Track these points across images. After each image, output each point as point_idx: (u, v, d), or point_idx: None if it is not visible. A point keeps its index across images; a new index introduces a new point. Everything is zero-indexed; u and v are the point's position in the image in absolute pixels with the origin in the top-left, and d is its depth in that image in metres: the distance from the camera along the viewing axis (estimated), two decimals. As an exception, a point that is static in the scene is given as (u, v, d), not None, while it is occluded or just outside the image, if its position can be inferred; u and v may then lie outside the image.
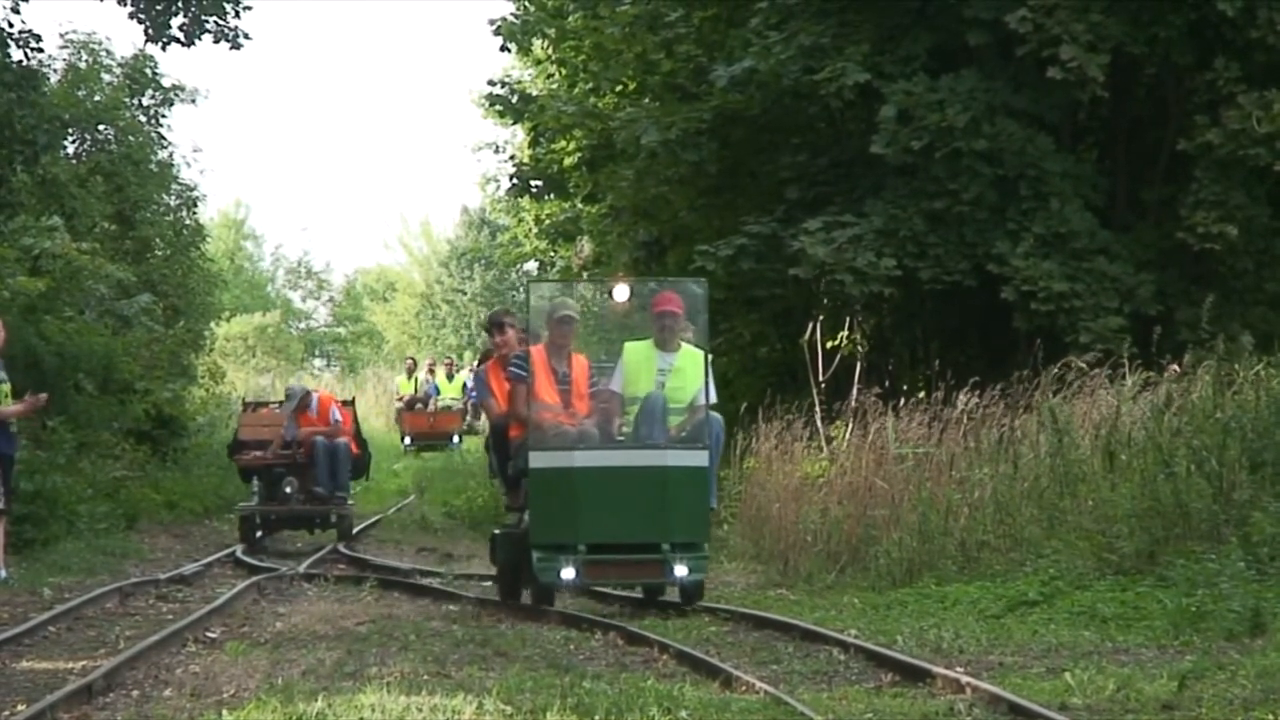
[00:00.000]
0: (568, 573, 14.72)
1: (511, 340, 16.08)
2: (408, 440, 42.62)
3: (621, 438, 15.23)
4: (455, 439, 41.72)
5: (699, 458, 15.01)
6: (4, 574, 17.76)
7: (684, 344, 15.44)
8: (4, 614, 15.48)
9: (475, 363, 48.11)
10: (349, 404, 26.73)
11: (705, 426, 15.14)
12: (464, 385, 44.11)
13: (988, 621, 13.98)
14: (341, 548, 22.51)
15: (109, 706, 10.83)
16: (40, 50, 27.70)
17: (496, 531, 16.09)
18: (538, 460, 14.88)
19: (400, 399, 44.85)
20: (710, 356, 15.59)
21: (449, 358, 50.78)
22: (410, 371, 45.59)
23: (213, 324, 45.99)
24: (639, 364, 15.40)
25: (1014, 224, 22.08)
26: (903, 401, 19.22)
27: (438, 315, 75.33)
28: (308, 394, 24.25)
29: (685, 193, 25.14)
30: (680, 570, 14.76)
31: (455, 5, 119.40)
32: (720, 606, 15.31)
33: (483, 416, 45.29)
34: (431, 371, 45.12)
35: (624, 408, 15.37)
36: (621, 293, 15.74)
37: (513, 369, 15.48)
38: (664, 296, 15.64)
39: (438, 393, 43.99)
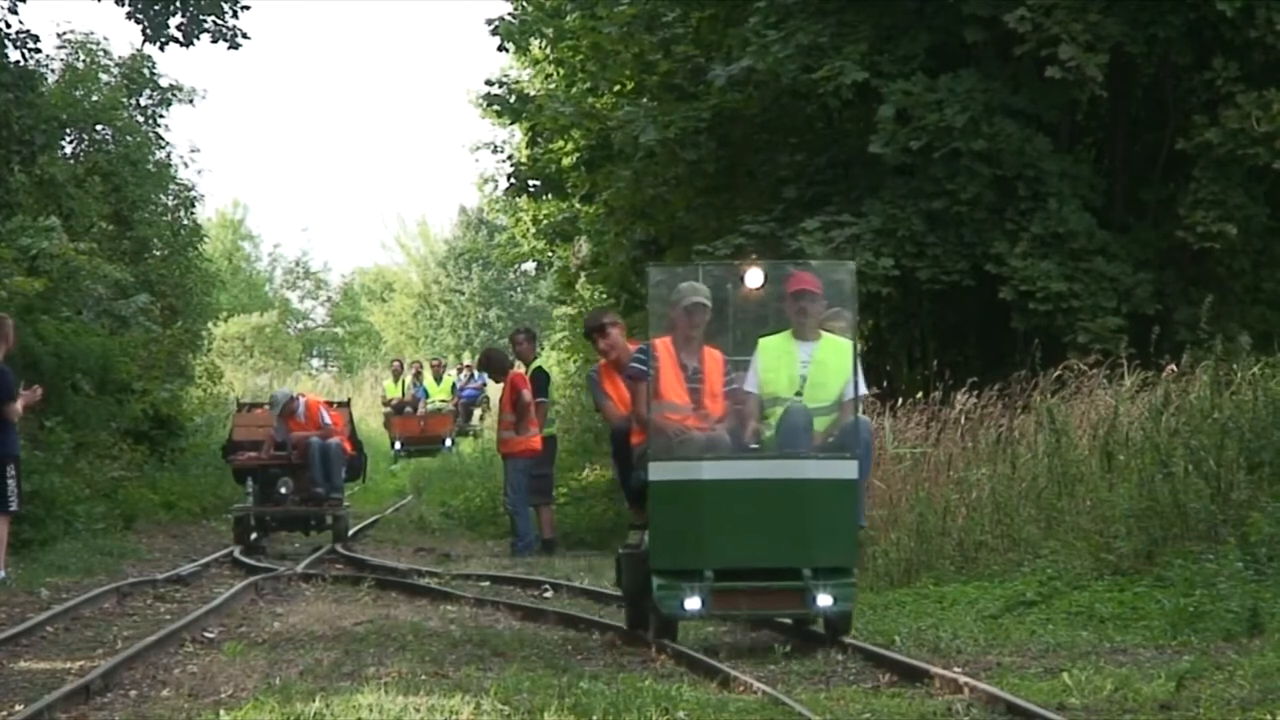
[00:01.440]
0: (693, 602, 12.64)
1: (619, 342, 14.68)
2: (398, 445, 41.69)
3: (756, 445, 13.22)
4: (448, 442, 40.84)
5: (846, 469, 12.90)
6: (2, 574, 17.75)
7: (824, 332, 13.46)
8: (2, 614, 15.48)
9: (459, 366, 47.84)
10: (344, 405, 26.71)
11: (854, 432, 13.18)
12: (453, 386, 44.02)
13: (985, 622, 13.98)
14: (339, 548, 22.49)
15: (107, 707, 10.83)
16: (38, 50, 27.69)
17: (621, 551, 13.87)
18: (659, 471, 12.80)
19: (388, 403, 43.81)
20: (860, 348, 13.81)
21: (437, 359, 49.69)
22: (397, 375, 44.61)
23: (210, 324, 45.99)
24: (776, 359, 13.45)
25: (1012, 224, 22.07)
26: (901, 401, 19.22)
27: (435, 316, 75.32)
28: (293, 399, 24.05)
29: (683, 192, 25.12)
30: (824, 600, 12.64)
31: (453, 5, 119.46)
32: (718, 606, 15.28)
33: (476, 418, 45.31)
34: (418, 374, 44.07)
35: (762, 411, 13.42)
36: (754, 278, 13.41)
37: (633, 364, 13.50)
38: (799, 276, 13.62)
39: (426, 395, 43.05)
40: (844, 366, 13.30)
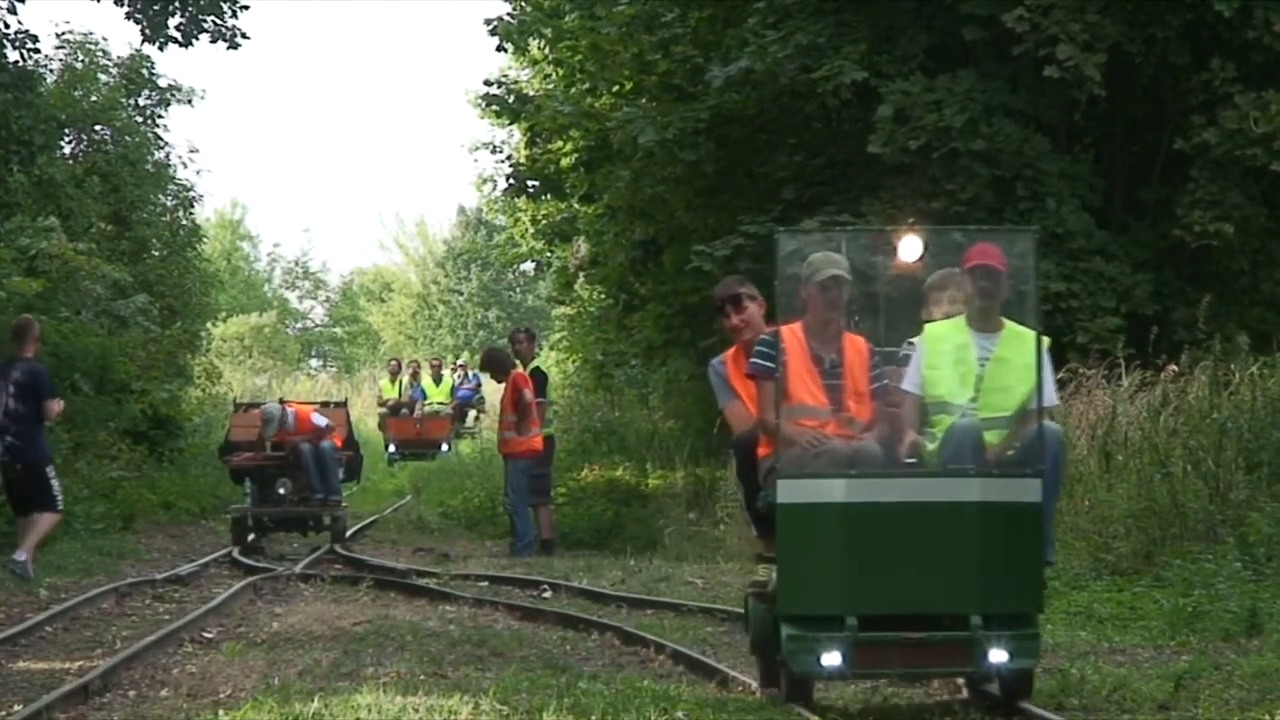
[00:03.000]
0: (831, 658, 9.85)
1: (757, 320, 11.33)
2: (392, 448, 40.50)
3: (912, 460, 10.34)
4: (444, 447, 39.59)
5: (1029, 490, 10.04)
6: (23, 557, 18.00)
7: (1008, 322, 10.59)
8: (0, 614, 15.47)
9: (453, 365, 47.34)
10: (341, 405, 26.68)
11: (1039, 444, 10.20)
12: (452, 388, 42.76)
13: (984, 621, 13.96)
14: (338, 548, 22.47)
15: (106, 707, 10.83)
16: (37, 50, 27.66)
17: (748, 590, 11.01)
18: (789, 492, 10.00)
19: (384, 404, 42.29)
20: (1048, 341, 10.98)
21: (436, 358, 48.31)
22: (394, 374, 43.09)
23: (209, 324, 45.96)
24: (945, 354, 10.56)
25: (1011, 224, 22.08)
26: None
27: (434, 316, 75.34)
28: (283, 413, 23.82)
29: (682, 192, 25.13)
30: (997, 655, 9.80)
31: (452, 5, 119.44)
32: (717, 606, 15.30)
33: (470, 419, 44.91)
34: (416, 375, 42.59)
35: (924, 419, 10.53)
36: (910, 247, 10.49)
37: (755, 360, 10.62)
38: (979, 249, 10.63)
39: (424, 397, 41.47)
40: (1028, 365, 10.39)
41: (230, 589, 17.54)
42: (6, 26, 26.52)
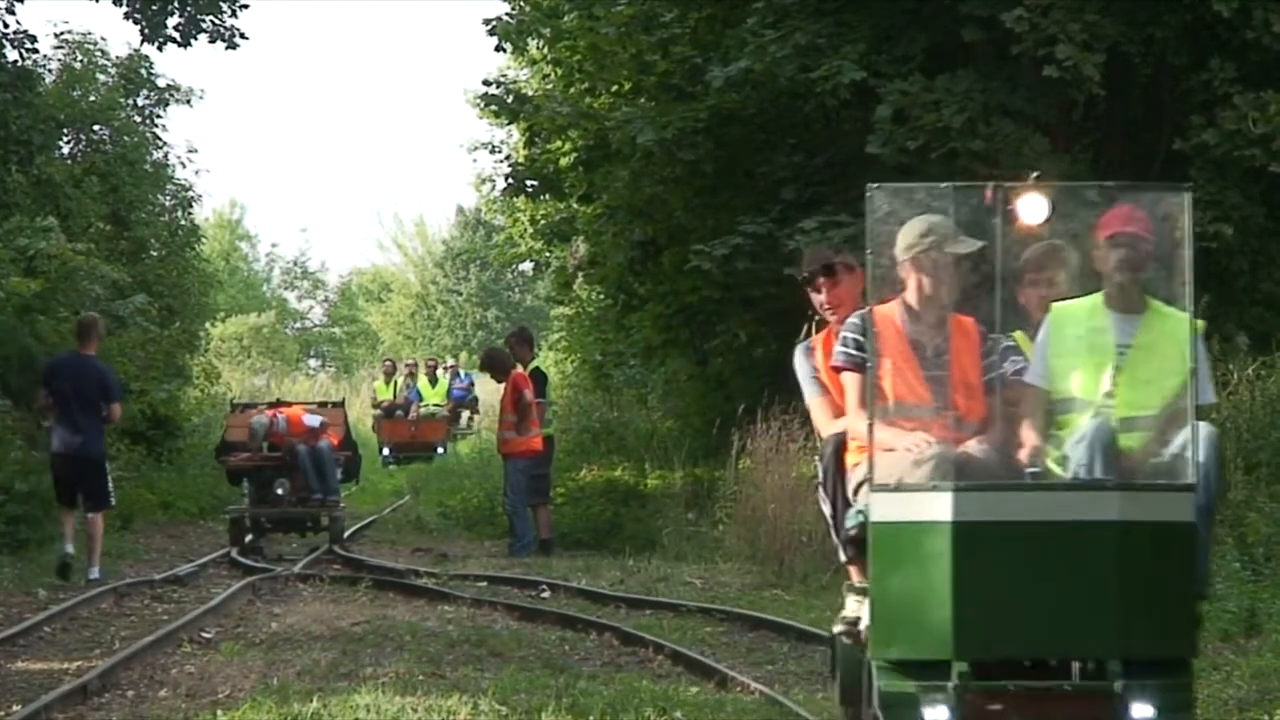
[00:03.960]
0: (936, 713, 8.02)
1: (852, 294, 9.56)
2: (386, 451, 39.66)
3: (1035, 469, 8.31)
4: (440, 449, 38.93)
5: (1179, 506, 8.12)
6: (97, 574, 18.18)
7: (1154, 301, 8.63)
8: (-1, 614, 15.48)
9: (446, 365, 46.95)
10: (339, 405, 26.66)
11: (1193, 451, 8.21)
12: (448, 390, 42.23)
13: (983, 622, 13.95)
14: (336, 548, 22.45)
15: (104, 707, 10.84)
16: (35, 50, 27.71)
17: (837, 629, 9.24)
18: (884, 508, 8.15)
19: (378, 405, 41.13)
20: (1203, 325, 8.80)
21: (433, 359, 47.07)
22: (389, 375, 42.37)
23: (208, 324, 45.96)
24: (1076, 339, 8.65)
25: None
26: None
27: (433, 316, 75.37)
28: (272, 421, 23.72)
29: (681, 192, 25.12)
30: (1141, 711, 7.99)
31: (450, 5, 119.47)
32: (715, 607, 15.31)
33: (464, 420, 44.71)
34: (412, 375, 41.90)
35: (1050, 419, 8.56)
36: (1033, 207, 8.43)
37: (842, 348, 8.92)
38: (1119, 212, 8.65)
39: (419, 398, 40.70)
40: (1179, 355, 8.40)
41: (229, 589, 17.54)
42: (5, 26, 26.58)
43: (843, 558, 9.10)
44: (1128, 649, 8.00)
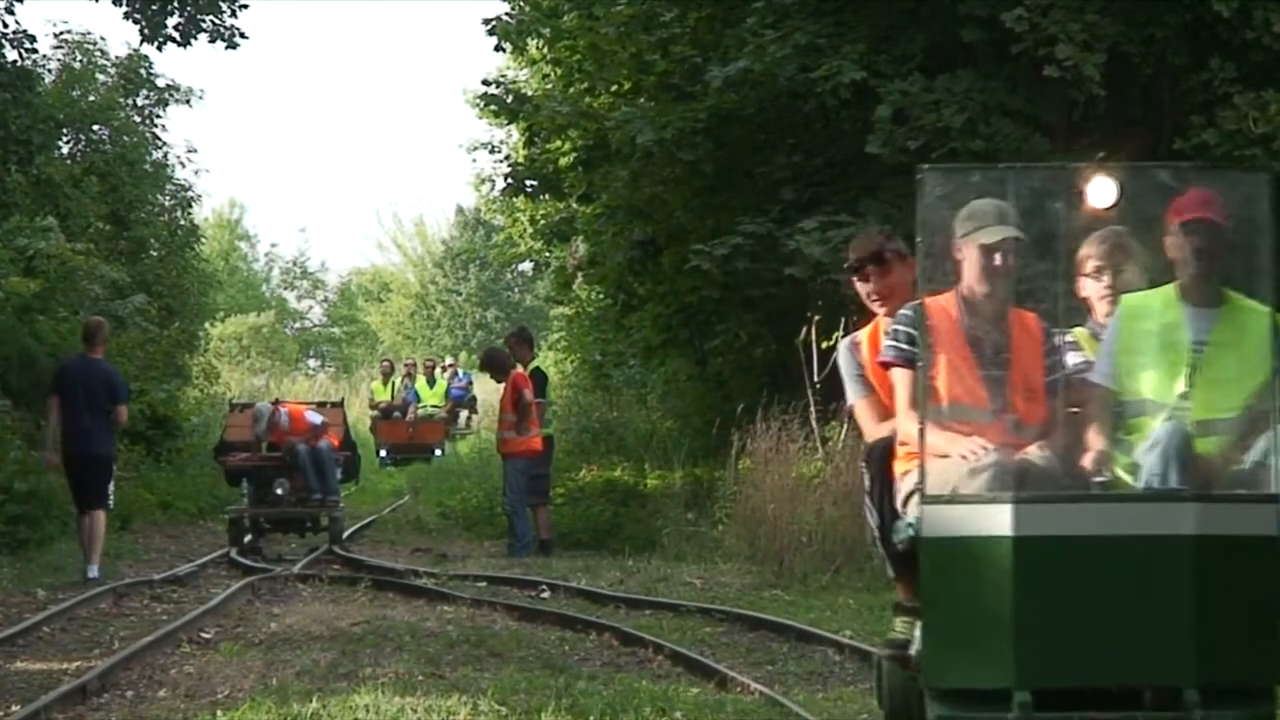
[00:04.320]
0: None
1: (903, 285, 8.69)
2: (384, 453, 39.35)
3: (1103, 478, 7.51)
4: (438, 451, 38.71)
5: (1261, 519, 7.36)
6: (95, 573, 18.24)
7: (1232, 294, 7.88)
8: (-2, 614, 15.48)
9: (444, 365, 46.75)
10: (338, 405, 26.63)
11: (1276, 458, 7.42)
12: (446, 390, 41.97)
13: (983, 622, 13.94)
14: (336, 548, 22.44)
15: (103, 707, 10.83)
16: (35, 50, 27.70)
17: (883, 652, 8.58)
18: (937, 522, 7.33)
19: (375, 406, 40.90)
20: None
21: (430, 359, 46.73)
22: (386, 375, 42.01)
23: (207, 324, 45.98)
24: (1147, 334, 7.86)
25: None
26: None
27: (432, 316, 75.38)
28: (275, 412, 23.72)
29: (680, 192, 25.11)
30: None
31: (450, 5, 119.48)
32: (715, 607, 15.30)
33: (464, 419, 44.65)
34: (410, 376, 41.61)
35: (1118, 423, 7.77)
36: (1102, 191, 7.67)
37: (892, 343, 8.10)
38: (1195, 197, 7.87)
39: (417, 399, 40.40)
40: (1261, 352, 7.70)
41: (228, 589, 17.54)
42: (5, 26, 26.56)
43: (890, 574, 8.40)
44: (1206, 675, 7.17)
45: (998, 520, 7.24)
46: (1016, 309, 7.95)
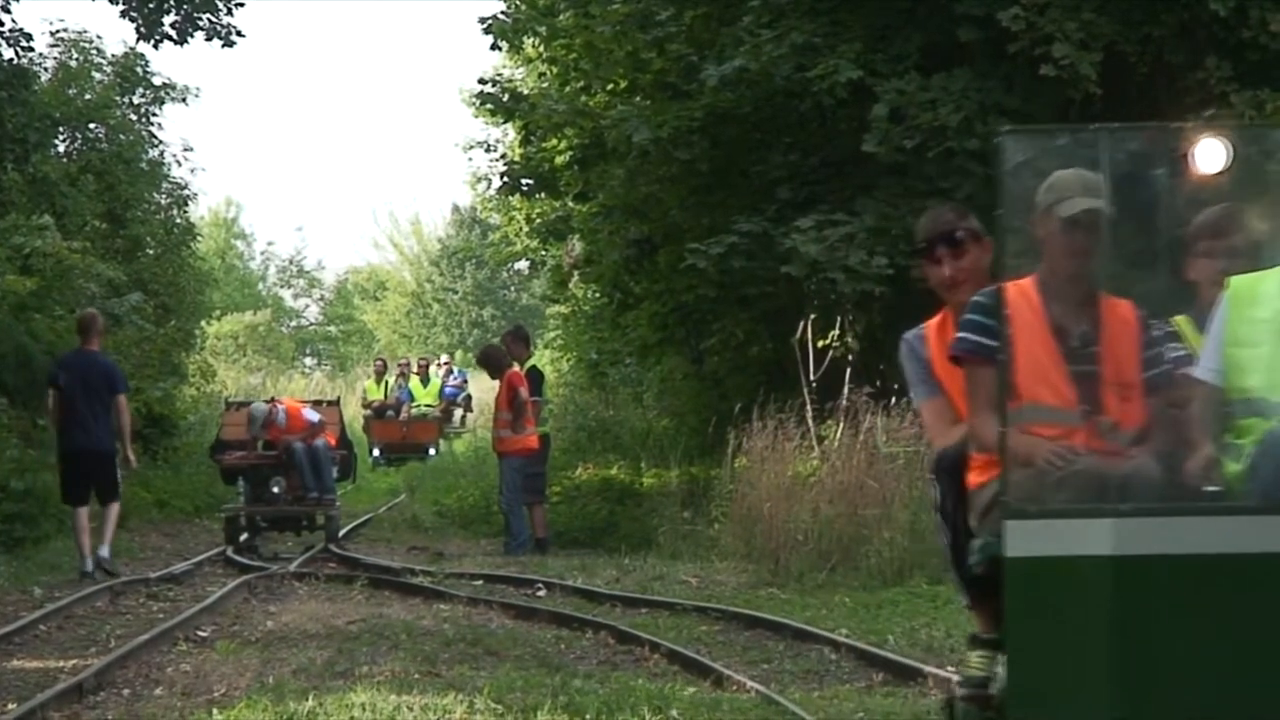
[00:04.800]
0: None
1: (979, 269, 7.67)
2: (377, 452, 39.02)
3: (1215, 488, 6.51)
4: (432, 451, 38.40)
5: None
6: (105, 552, 18.51)
7: None
8: (-6, 613, 15.47)
9: (439, 363, 46.67)
10: (334, 404, 26.61)
11: None
12: (440, 389, 41.80)
13: (979, 621, 13.95)
14: (332, 547, 22.44)
15: (100, 705, 10.83)
16: (31, 49, 27.69)
17: (959, 692, 7.31)
18: (1022, 540, 6.29)
19: (368, 405, 40.63)
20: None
21: (424, 358, 46.42)
22: (379, 375, 41.65)
23: (203, 323, 45.95)
24: (1261, 324, 6.69)
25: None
26: (894, 400, 19.22)
27: (429, 314, 75.39)
28: (272, 410, 23.63)
29: (676, 191, 25.12)
30: None
31: (446, 4, 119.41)
32: (711, 606, 15.30)
33: (459, 417, 44.55)
34: (404, 375, 41.34)
35: (1227, 425, 6.66)
36: (1211, 154, 6.53)
37: (966, 334, 7.07)
38: None
39: (411, 399, 40.21)
40: None
41: (224, 587, 17.54)
42: (1, 25, 26.52)
43: (964, 602, 7.36)
44: None
45: (1095, 537, 6.23)
46: (1109, 296, 6.91)
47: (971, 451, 6.98)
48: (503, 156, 35.12)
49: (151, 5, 26.84)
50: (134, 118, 37.06)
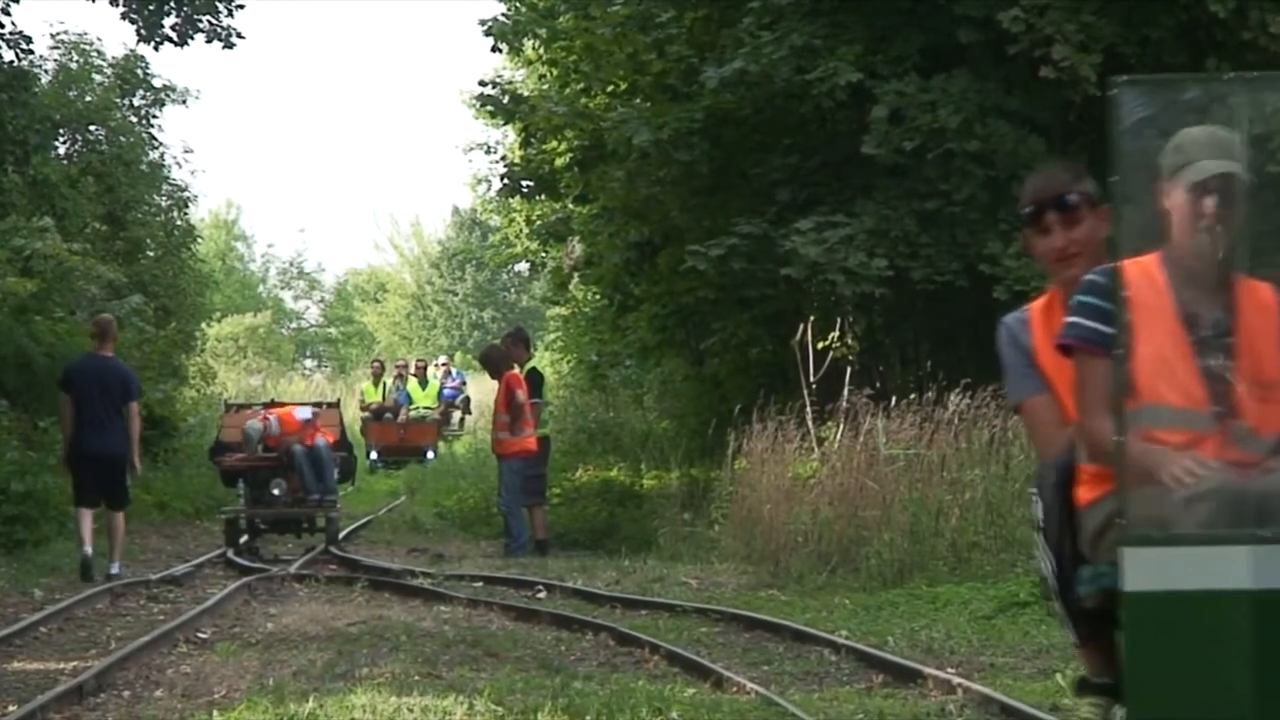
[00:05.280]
0: None
1: (1092, 239, 6.41)
2: (374, 455, 38.53)
3: None
4: (430, 454, 37.98)
5: None
6: (116, 569, 18.47)
7: None
8: (-6, 615, 15.48)
9: (437, 364, 46.51)
10: (334, 405, 26.60)
11: None
12: (439, 392, 41.55)
13: (979, 622, 13.99)
14: (332, 548, 22.43)
15: (100, 707, 10.83)
16: (31, 51, 27.70)
17: None
18: (1143, 570, 5.32)
19: (366, 408, 40.04)
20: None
21: (421, 360, 45.66)
22: (377, 377, 41.12)
23: (203, 325, 45.95)
24: None
25: (1006, 225, 22.07)
26: (894, 402, 19.23)
27: (429, 316, 75.38)
28: (265, 425, 23.55)
29: (676, 193, 25.12)
30: None
31: (446, 5, 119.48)
32: (711, 607, 15.30)
33: (457, 419, 44.48)
34: (402, 377, 40.89)
35: None
36: None
37: (1077, 319, 5.91)
38: None
39: (409, 401, 39.86)
40: None
41: (225, 589, 17.54)
42: (1, 27, 26.54)
43: (1071, 639, 6.22)
44: None
45: (1232, 568, 5.29)
46: (1246, 277, 5.84)
47: (1081, 461, 5.93)
48: (503, 158, 35.14)
49: (152, 7, 26.85)
50: (134, 120, 37.09)
